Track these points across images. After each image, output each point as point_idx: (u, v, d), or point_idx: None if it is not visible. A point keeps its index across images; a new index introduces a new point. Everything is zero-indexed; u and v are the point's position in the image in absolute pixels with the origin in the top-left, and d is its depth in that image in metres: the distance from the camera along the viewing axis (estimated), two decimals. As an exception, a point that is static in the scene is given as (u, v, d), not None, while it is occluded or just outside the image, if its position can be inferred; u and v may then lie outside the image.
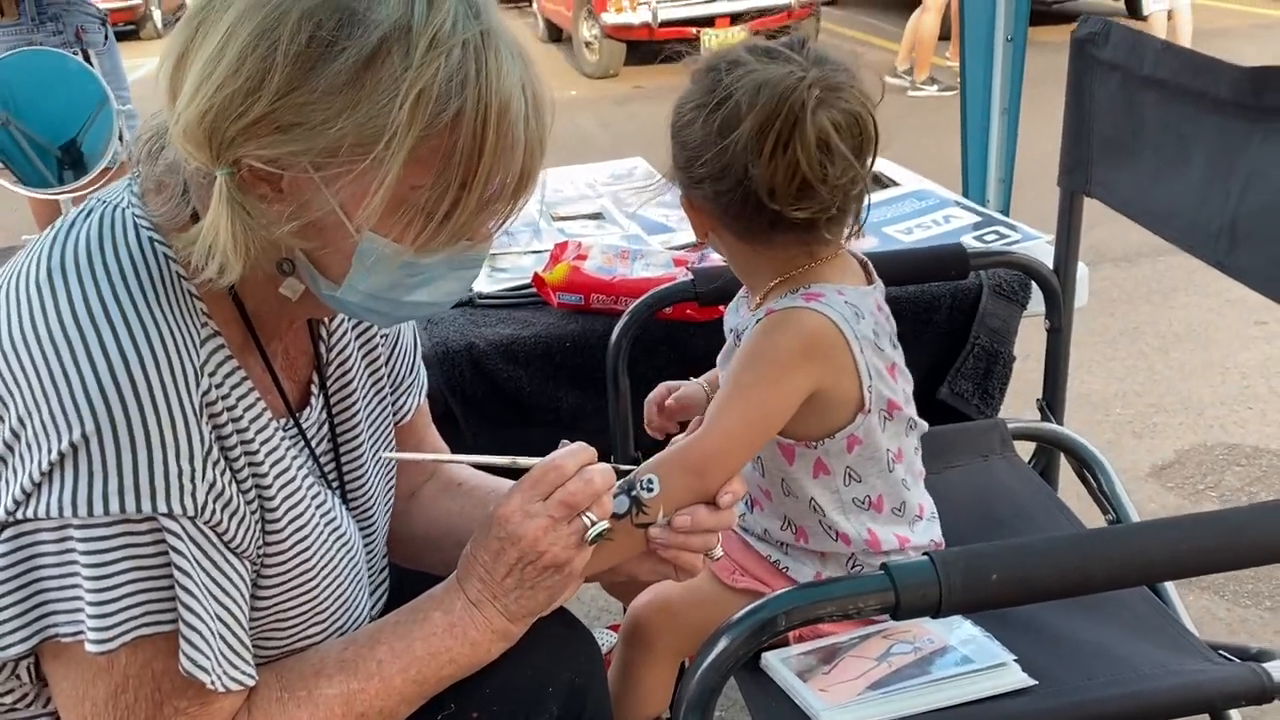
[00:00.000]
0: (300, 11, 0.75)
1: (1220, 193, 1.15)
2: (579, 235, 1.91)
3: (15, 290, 0.82)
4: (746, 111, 1.02)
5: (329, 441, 1.01)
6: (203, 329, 0.85)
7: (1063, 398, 1.61)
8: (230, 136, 0.77)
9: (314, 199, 0.79)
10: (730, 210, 1.08)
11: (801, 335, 1.07)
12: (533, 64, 0.83)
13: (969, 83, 2.20)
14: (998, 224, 1.87)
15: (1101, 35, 1.35)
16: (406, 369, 1.13)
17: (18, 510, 0.77)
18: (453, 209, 0.80)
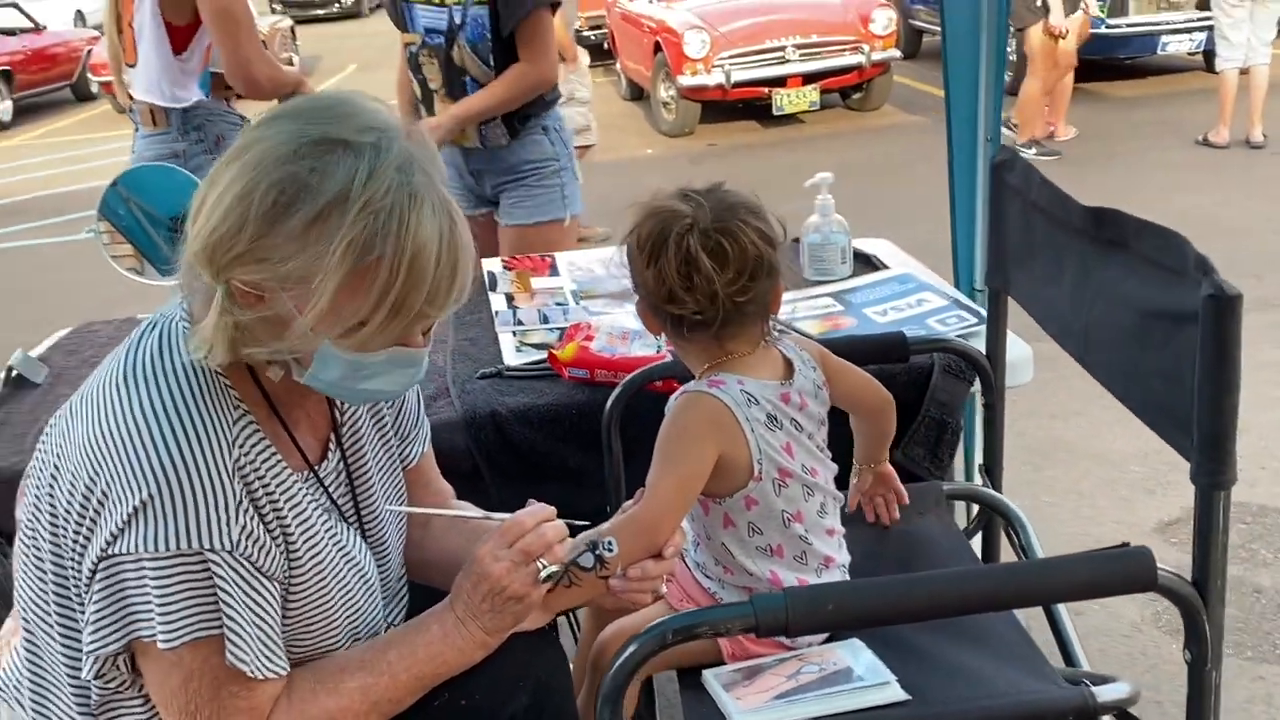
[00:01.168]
0: (269, 182, 1.08)
1: (1080, 302, 1.41)
2: (601, 314, 2.22)
3: (103, 391, 1.17)
4: (639, 236, 1.38)
5: (346, 486, 1.34)
6: (234, 410, 1.18)
7: (1000, 464, 1.86)
8: (222, 264, 1.10)
9: (279, 309, 1.12)
10: (649, 310, 1.41)
11: (700, 413, 1.40)
12: (456, 216, 1.13)
13: (956, 175, 2.47)
14: (964, 308, 2.12)
15: (1009, 163, 1.63)
16: (411, 424, 1.47)
17: (109, 548, 1.11)
18: (372, 323, 1.11)
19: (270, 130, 1.11)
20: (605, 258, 2.62)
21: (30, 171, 10.13)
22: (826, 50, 8.44)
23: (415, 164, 1.12)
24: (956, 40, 2.39)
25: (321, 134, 1.09)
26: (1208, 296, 1.04)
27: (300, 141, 1.09)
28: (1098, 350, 1.38)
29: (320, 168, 1.08)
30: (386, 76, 3.59)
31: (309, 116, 1.11)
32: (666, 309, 1.38)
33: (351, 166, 1.08)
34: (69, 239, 7.48)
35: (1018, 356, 1.90)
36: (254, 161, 1.09)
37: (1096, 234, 1.35)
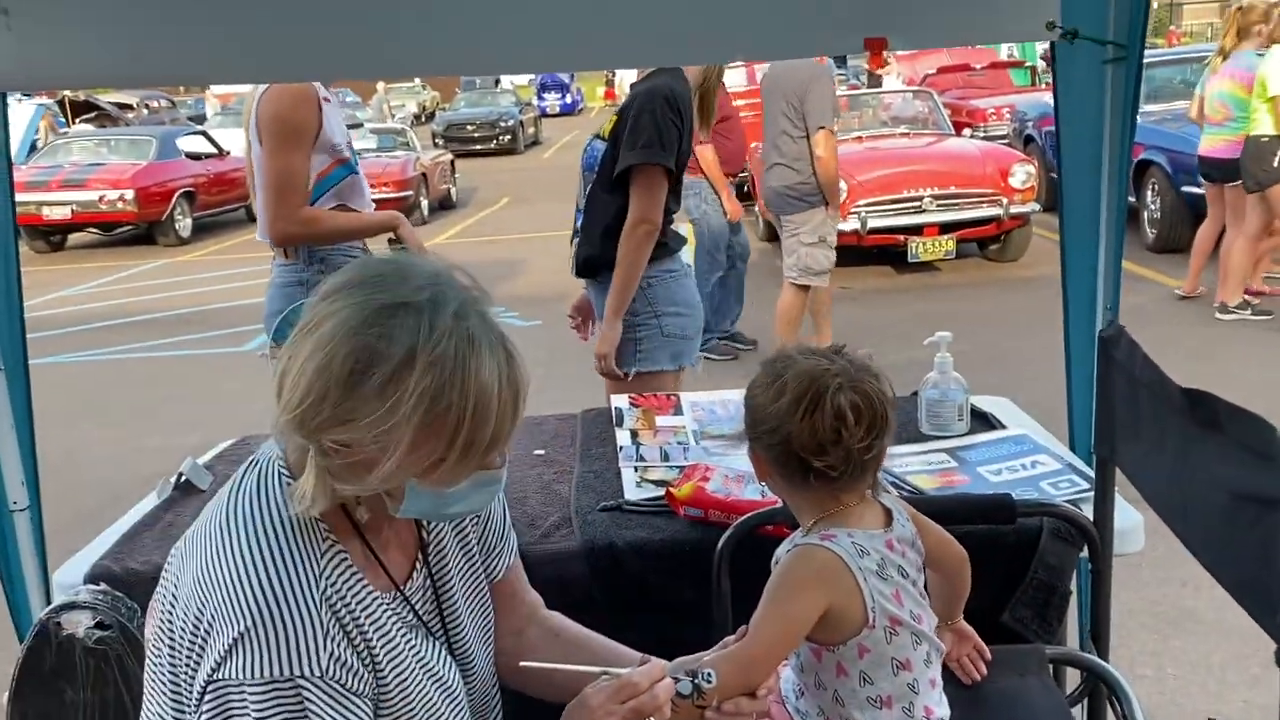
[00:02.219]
0: (344, 353, 1.22)
1: (1179, 477, 1.46)
2: (719, 455, 2.33)
3: (209, 531, 1.32)
4: (789, 388, 1.45)
5: (433, 602, 1.46)
6: (324, 543, 1.32)
7: (1106, 630, 1.86)
8: (311, 429, 1.25)
9: (366, 459, 1.25)
10: (776, 460, 1.49)
11: (813, 566, 1.47)
12: (511, 349, 1.26)
13: (1073, 343, 2.51)
14: (1077, 473, 2.14)
15: (1115, 339, 1.70)
16: (497, 539, 1.59)
17: (214, 674, 1.24)
18: (459, 459, 1.25)
19: (337, 304, 1.25)
20: (726, 399, 2.74)
21: (203, 285, 10.93)
22: (964, 201, 8.53)
23: (469, 308, 1.26)
24: (1074, 208, 2.46)
25: (383, 301, 1.23)
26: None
27: (365, 311, 1.23)
28: (1193, 525, 1.42)
29: (386, 332, 1.22)
30: (536, 209, 3.86)
31: (370, 287, 1.26)
32: (808, 460, 1.45)
33: (414, 326, 1.22)
34: (232, 350, 8.02)
35: (1128, 524, 1.91)
36: (328, 336, 1.23)
37: (1193, 414, 1.40)
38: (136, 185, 13.60)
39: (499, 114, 25.90)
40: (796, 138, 5.86)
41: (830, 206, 5.99)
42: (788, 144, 5.90)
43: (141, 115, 23.55)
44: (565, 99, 39.83)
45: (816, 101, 5.76)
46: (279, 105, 2.97)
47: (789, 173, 5.94)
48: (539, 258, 10.91)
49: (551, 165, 21.52)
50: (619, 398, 2.77)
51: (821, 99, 5.78)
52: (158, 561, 2.02)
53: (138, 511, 2.28)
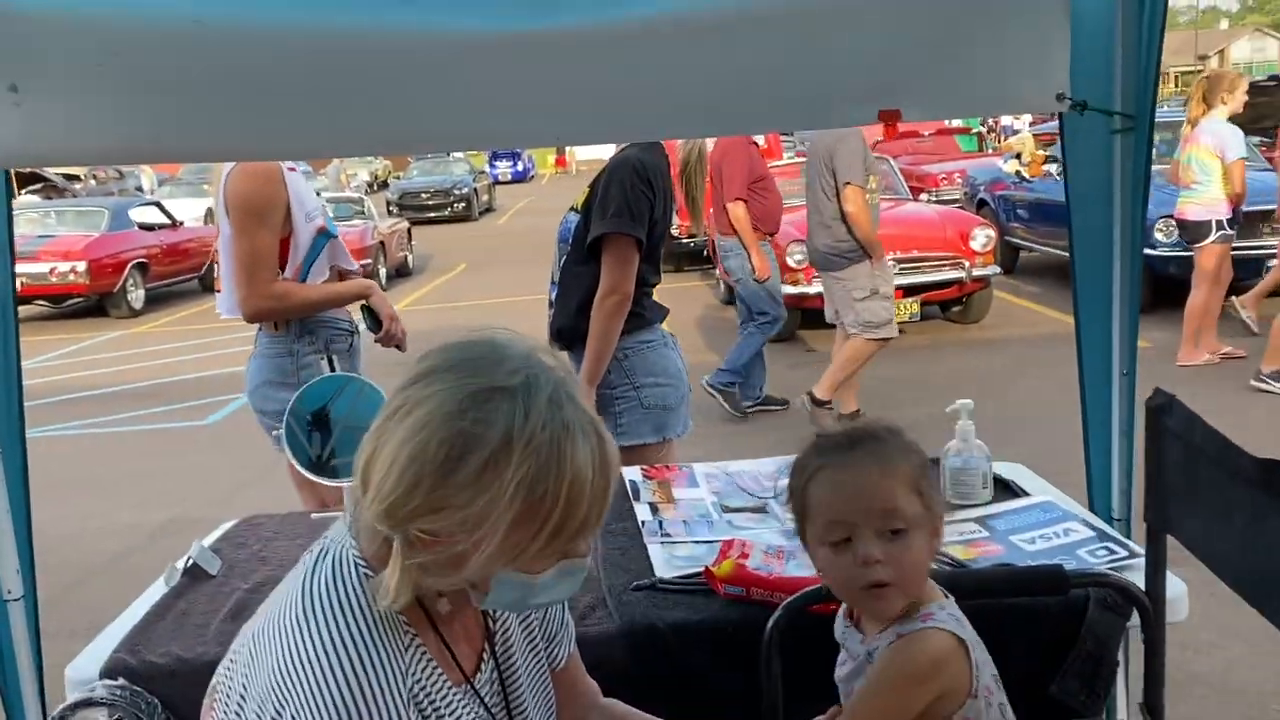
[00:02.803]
0: (439, 440, 1.18)
1: (1253, 549, 1.45)
2: (744, 528, 2.29)
3: (284, 624, 1.26)
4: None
5: (500, 695, 1.41)
6: (406, 636, 1.27)
7: (1162, 702, 1.84)
8: (401, 518, 1.20)
9: (456, 549, 1.21)
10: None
11: (931, 652, 1.43)
12: (602, 432, 1.23)
13: (1090, 405, 2.52)
14: (1112, 540, 2.13)
15: (1168, 406, 1.69)
16: (557, 626, 1.55)
17: None
18: (548, 547, 1.21)
19: (430, 389, 1.21)
20: (736, 470, 2.71)
21: (159, 358, 10.72)
22: (927, 265, 8.65)
23: (562, 392, 1.23)
24: (1086, 268, 2.48)
25: (478, 386, 1.20)
26: None
27: (461, 396, 1.19)
28: (1273, 596, 1.40)
29: (483, 418, 1.18)
30: (494, 274, 3.86)
31: (463, 370, 1.22)
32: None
33: (510, 411, 1.19)
34: (194, 424, 7.84)
35: (1174, 594, 1.90)
36: (422, 422, 1.19)
37: (1270, 484, 1.39)
38: (89, 257, 13.40)
39: (453, 182, 26.00)
40: (831, 196, 6.04)
41: (875, 260, 6.10)
42: (825, 204, 6.08)
43: (89, 186, 23.29)
44: (517, 167, 40.20)
45: (845, 158, 5.94)
46: (246, 184, 2.97)
47: (827, 232, 6.11)
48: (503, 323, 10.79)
49: (506, 231, 21.57)
50: (628, 470, 2.73)
51: (850, 155, 5.95)
52: (176, 652, 1.94)
53: (146, 600, 2.18)
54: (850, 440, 1.50)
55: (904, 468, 1.47)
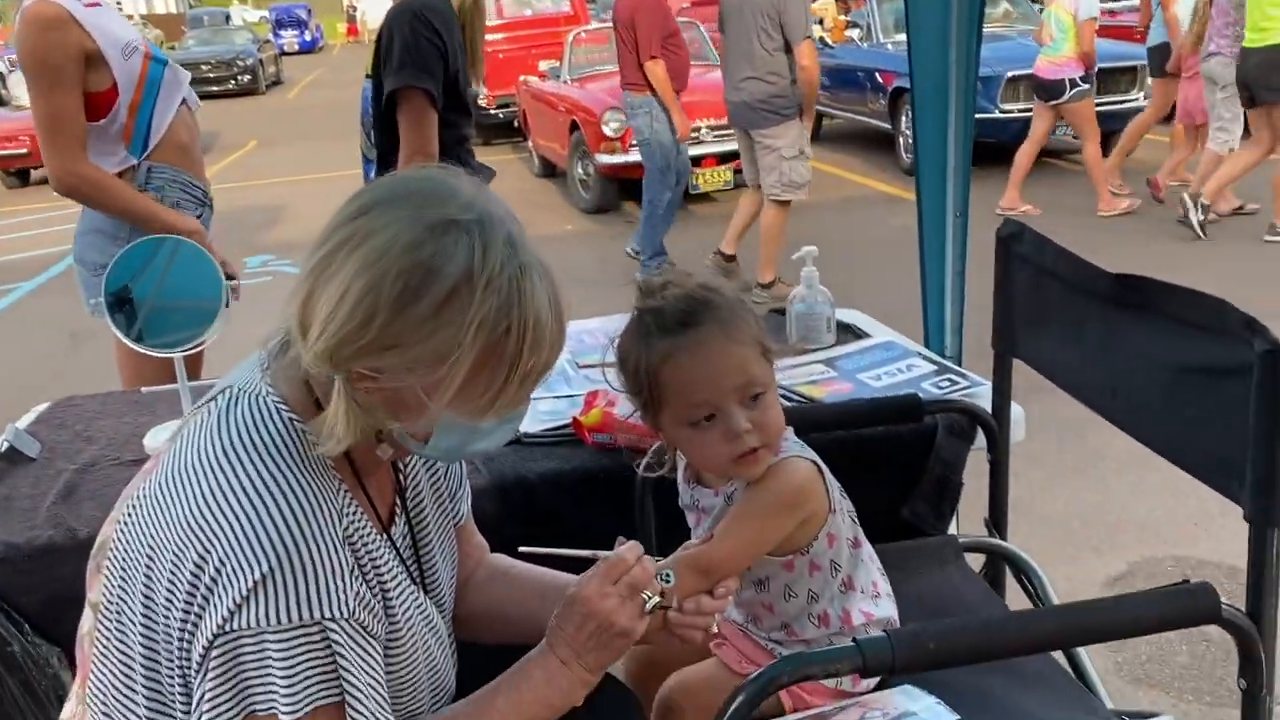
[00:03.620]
0: (396, 270, 1.10)
1: (1104, 362, 1.54)
2: (599, 383, 2.28)
3: (198, 467, 1.17)
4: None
5: (411, 549, 1.37)
6: (334, 479, 1.21)
7: (1005, 516, 1.96)
8: (347, 356, 1.13)
9: (405, 391, 1.15)
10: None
11: (797, 480, 1.45)
12: (552, 274, 1.19)
13: (927, 249, 2.62)
14: (950, 372, 2.24)
15: (1019, 235, 1.76)
16: (457, 483, 1.51)
17: (226, 624, 1.11)
18: (502, 391, 1.16)
19: (382, 220, 1.13)
20: (586, 327, 2.69)
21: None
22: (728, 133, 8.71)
23: (514, 231, 1.17)
24: (926, 124, 2.55)
25: (437, 218, 1.12)
26: (1265, 352, 1.16)
27: (420, 226, 1.11)
28: (1128, 405, 1.50)
29: (441, 250, 1.11)
30: (288, 151, 3.64)
31: (417, 201, 1.14)
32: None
33: (468, 245, 1.12)
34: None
35: (1014, 417, 2.01)
36: (378, 252, 1.11)
37: (1122, 298, 1.47)
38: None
39: (235, 52, 24.26)
40: (773, 50, 5.86)
41: (805, 117, 6.00)
42: (763, 58, 5.88)
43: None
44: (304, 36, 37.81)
45: (795, 14, 5.82)
46: (27, 37, 2.60)
47: (764, 85, 5.91)
48: (302, 202, 10.35)
49: (298, 106, 20.41)
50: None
51: (799, 11, 5.85)
52: (3, 538, 1.79)
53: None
54: (686, 314, 1.43)
55: (747, 330, 1.44)
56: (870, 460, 1.96)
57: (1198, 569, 3.27)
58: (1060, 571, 3.31)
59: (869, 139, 10.65)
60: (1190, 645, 2.80)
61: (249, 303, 2.77)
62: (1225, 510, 3.42)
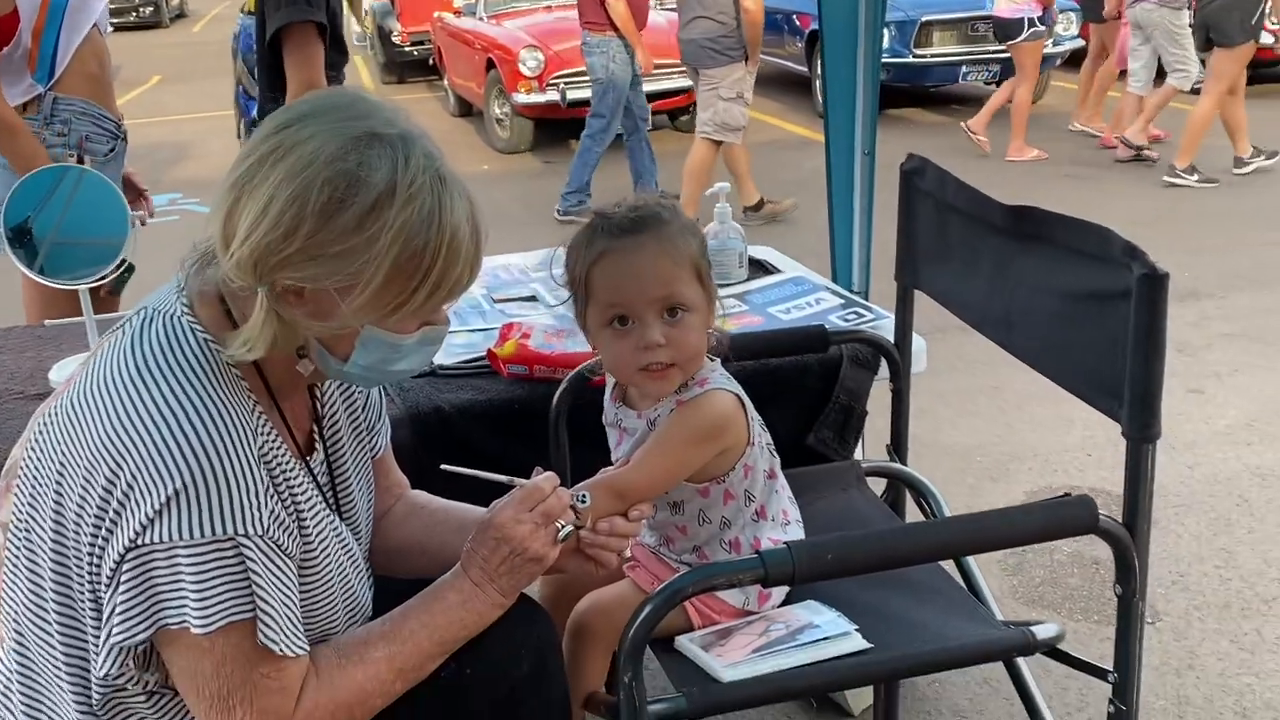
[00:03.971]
0: (322, 179, 1.12)
1: (999, 291, 1.60)
2: (516, 316, 2.30)
3: (114, 387, 1.17)
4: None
5: (328, 477, 1.39)
6: (249, 400, 1.22)
7: (906, 442, 2.04)
8: (271, 266, 1.14)
9: (326, 303, 1.17)
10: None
11: (718, 412, 1.49)
12: (472, 195, 1.22)
13: (835, 186, 2.67)
14: (857, 305, 2.31)
15: (920, 170, 1.82)
16: (375, 416, 1.52)
17: (138, 539, 1.12)
18: (414, 298, 1.18)
19: (307, 131, 1.14)
20: (501, 263, 2.70)
21: None
22: (658, 73, 8.67)
23: (433, 149, 1.20)
24: (836, 68, 2.59)
25: (361, 130, 1.14)
26: (1143, 276, 1.23)
27: (344, 138, 1.13)
28: (1019, 332, 1.57)
29: (366, 161, 1.13)
30: (193, 87, 3.56)
31: (341, 114, 1.16)
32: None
33: (391, 157, 1.14)
34: None
35: (915, 349, 2.09)
36: (304, 162, 1.12)
37: (1016, 229, 1.54)
38: None
39: (137, -16, 23.29)
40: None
41: (751, 61, 6.02)
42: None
43: None
44: (207, -32, 36.39)
45: None
46: None
47: (713, 25, 5.91)
48: (208, 139, 10.05)
49: (203, 40, 19.66)
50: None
51: None
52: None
53: None
54: (632, 223, 1.48)
55: (685, 250, 1.48)
56: (779, 389, 2.02)
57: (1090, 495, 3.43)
58: (961, 501, 3.45)
59: (787, 82, 10.68)
60: (1082, 569, 2.95)
61: (158, 241, 2.72)
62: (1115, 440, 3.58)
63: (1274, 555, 2.94)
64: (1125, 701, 1.36)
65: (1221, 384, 4.07)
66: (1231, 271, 5.28)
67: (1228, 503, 3.23)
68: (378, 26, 13.09)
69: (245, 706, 1.17)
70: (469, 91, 9.76)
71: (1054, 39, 8.70)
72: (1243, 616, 2.67)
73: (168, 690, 1.24)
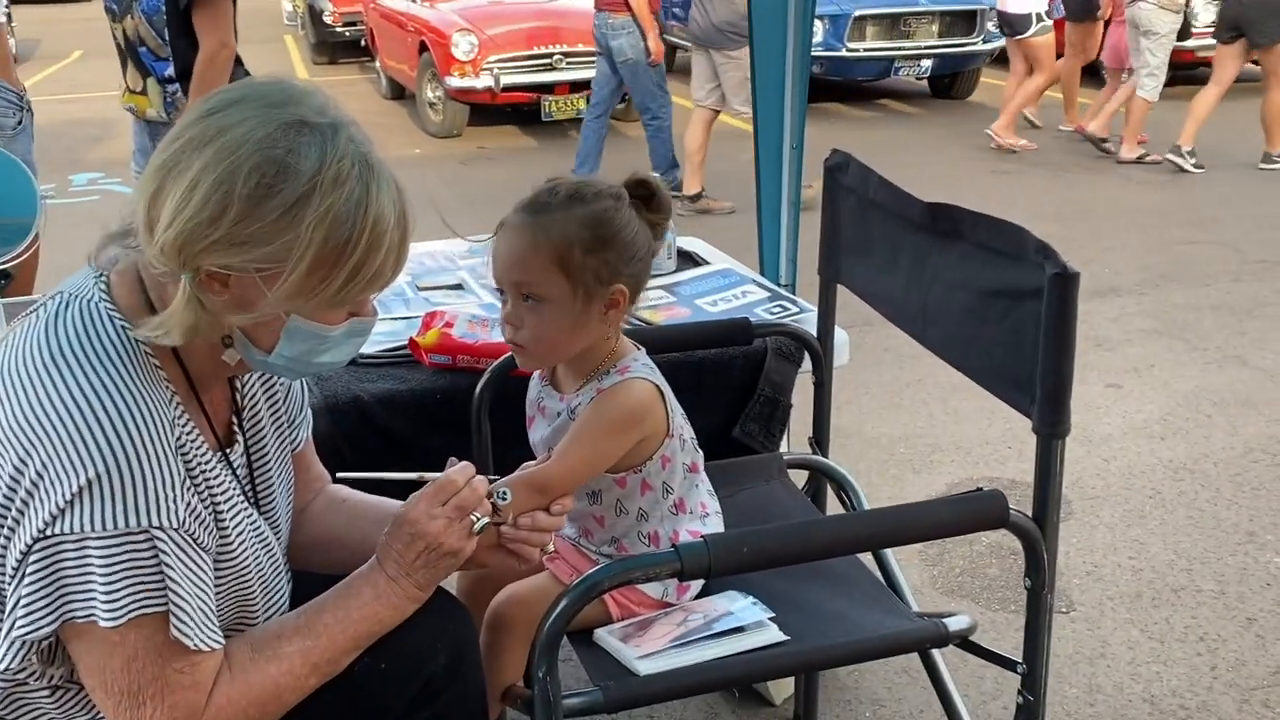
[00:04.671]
0: (250, 165, 1.11)
1: (917, 286, 1.62)
2: (441, 304, 2.27)
3: (26, 373, 1.14)
4: (621, 221, 1.48)
5: (247, 470, 1.36)
6: (166, 389, 1.19)
7: (828, 435, 2.06)
8: (196, 252, 1.12)
9: (250, 291, 1.15)
10: (594, 290, 1.48)
11: (634, 401, 1.49)
12: (400, 185, 1.21)
13: (763, 179, 2.68)
14: (783, 299, 2.32)
15: (844, 166, 1.83)
16: (297, 409, 1.50)
17: (46, 529, 1.09)
18: (343, 290, 1.16)
19: (236, 117, 1.12)
20: (433, 250, 2.67)
21: None
22: (592, 60, 8.66)
23: (362, 138, 1.18)
24: (765, 62, 2.60)
25: (291, 118, 1.13)
26: (1055, 275, 1.25)
27: (274, 125, 1.12)
28: (935, 327, 1.59)
29: (295, 148, 1.12)
30: (113, 63, 3.49)
31: (270, 100, 1.15)
32: (630, 285, 1.48)
33: (320, 145, 1.13)
34: None
35: (838, 342, 2.11)
36: (232, 147, 1.10)
37: (934, 226, 1.56)
38: None
39: (56, -45, 22.56)
40: None
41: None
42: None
43: None
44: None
45: None
46: None
47: (729, 8, 5.98)
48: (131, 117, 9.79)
49: (128, 16, 19.20)
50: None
51: None
52: None
53: None
54: (529, 203, 1.48)
55: (558, 241, 1.44)
56: (704, 381, 2.03)
57: (1009, 488, 3.49)
58: (884, 492, 3.50)
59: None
60: (1000, 560, 3.00)
61: (77, 221, 2.64)
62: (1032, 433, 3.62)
63: (1183, 547, 3.02)
64: (1033, 692, 1.38)
65: (1139, 379, 4.17)
66: (1151, 267, 5.42)
67: (1141, 495, 3.32)
68: (309, 6, 12.84)
69: (156, 702, 1.15)
70: (401, 74, 9.64)
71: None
72: (1153, 606, 2.75)
73: (73, 685, 1.21)
